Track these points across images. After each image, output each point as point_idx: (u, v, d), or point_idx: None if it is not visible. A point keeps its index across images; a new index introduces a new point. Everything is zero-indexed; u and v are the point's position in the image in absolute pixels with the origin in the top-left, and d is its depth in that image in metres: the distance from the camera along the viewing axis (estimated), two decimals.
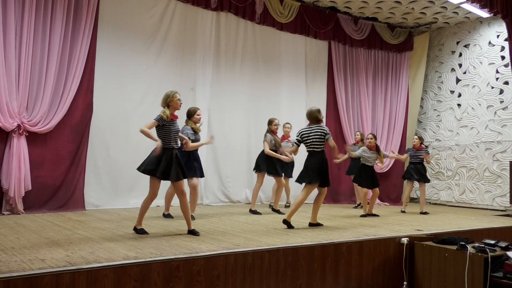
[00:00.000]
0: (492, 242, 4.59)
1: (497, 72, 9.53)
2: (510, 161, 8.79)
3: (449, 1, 8.88)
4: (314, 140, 5.54)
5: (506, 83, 9.35)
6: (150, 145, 7.12)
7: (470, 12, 9.45)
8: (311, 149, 5.60)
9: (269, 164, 6.86)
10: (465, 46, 10.16)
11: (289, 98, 9.40)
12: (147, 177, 8.06)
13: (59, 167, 6.48)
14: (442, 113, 10.49)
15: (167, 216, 6.04)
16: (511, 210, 8.68)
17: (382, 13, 9.85)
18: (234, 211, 7.07)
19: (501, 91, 9.42)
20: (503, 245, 4.56)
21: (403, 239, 4.92)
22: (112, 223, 5.26)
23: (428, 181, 8.14)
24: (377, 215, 7.18)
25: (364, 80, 10.23)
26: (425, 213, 7.84)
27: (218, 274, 3.59)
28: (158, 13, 7.70)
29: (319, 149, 5.57)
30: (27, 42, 6.10)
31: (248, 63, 8.82)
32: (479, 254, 4.39)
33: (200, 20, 8.15)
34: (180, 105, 4.77)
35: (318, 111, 5.69)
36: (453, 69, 10.38)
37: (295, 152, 5.99)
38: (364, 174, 7.16)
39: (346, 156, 7.67)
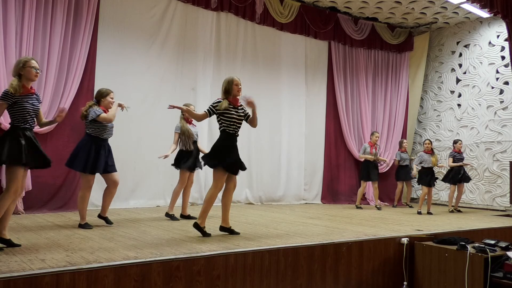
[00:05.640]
0: (492, 242, 4.59)
1: (497, 72, 9.53)
2: (510, 161, 8.79)
3: (449, 1, 8.88)
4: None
5: (506, 83, 9.36)
6: (150, 145, 7.18)
7: (470, 12, 9.45)
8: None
9: None
10: (465, 46, 10.16)
11: (289, 98, 9.40)
12: (149, 177, 8.03)
13: (59, 167, 6.44)
14: (442, 113, 10.49)
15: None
16: (511, 210, 8.68)
17: (382, 13, 9.85)
18: (234, 211, 7.07)
19: (501, 91, 9.42)
20: (503, 245, 4.56)
21: (403, 239, 4.91)
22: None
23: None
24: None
25: (364, 80, 10.24)
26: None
27: (218, 274, 3.59)
28: (159, 13, 7.70)
29: (220, 128, 4.66)
30: (27, 42, 6.09)
31: (248, 63, 8.82)
32: (479, 254, 4.39)
33: (201, 20, 8.16)
34: (36, 75, 3.83)
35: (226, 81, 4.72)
36: (453, 69, 10.39)
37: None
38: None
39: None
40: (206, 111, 4.65)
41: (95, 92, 5.23)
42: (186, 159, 5.83)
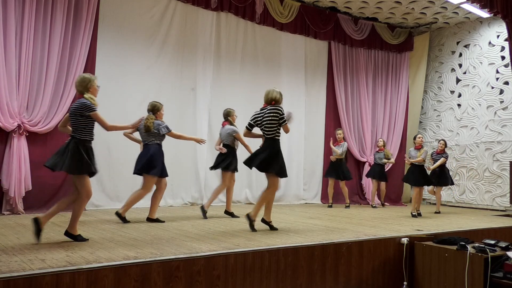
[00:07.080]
0: (492, 242, 4.59)
1: (497, 72, 9.53)
2: (510, 161, 8.79)
3: (449, 1, 8.88)
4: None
5: (506, 83, 9.36)
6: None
7: (470, 12, 9.45)
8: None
9: None
10: (465, 46, 10.17)
11: (289, 98, 9.34)
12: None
13: None
14: (442, 113, 10.50)
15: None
16: (511, 210, 8.68)
17: (382, 13, 9.86)
18: (234, 211, 7.07)
19: (501, 91, 9.42)
20: (503, 245, 4.56)
21: (403, 239, 4.92)
22: (112, 223, 5.26)
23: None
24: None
25: (364, 80, 10.23)
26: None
27: (218, 274, 3.59)
28: (159, 13, 7.70)
29: (273, 136, 5.11)
30: (27, 42, 6.10)
31: (248, 63, 8.82)
32: (479, 254, 4.39)
33: (201, 20, 8.16)
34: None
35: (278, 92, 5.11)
36: (453, 69, 10.39)
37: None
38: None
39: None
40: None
41: (149, 106, 5.67)
42: (234, 161, 6.25)
